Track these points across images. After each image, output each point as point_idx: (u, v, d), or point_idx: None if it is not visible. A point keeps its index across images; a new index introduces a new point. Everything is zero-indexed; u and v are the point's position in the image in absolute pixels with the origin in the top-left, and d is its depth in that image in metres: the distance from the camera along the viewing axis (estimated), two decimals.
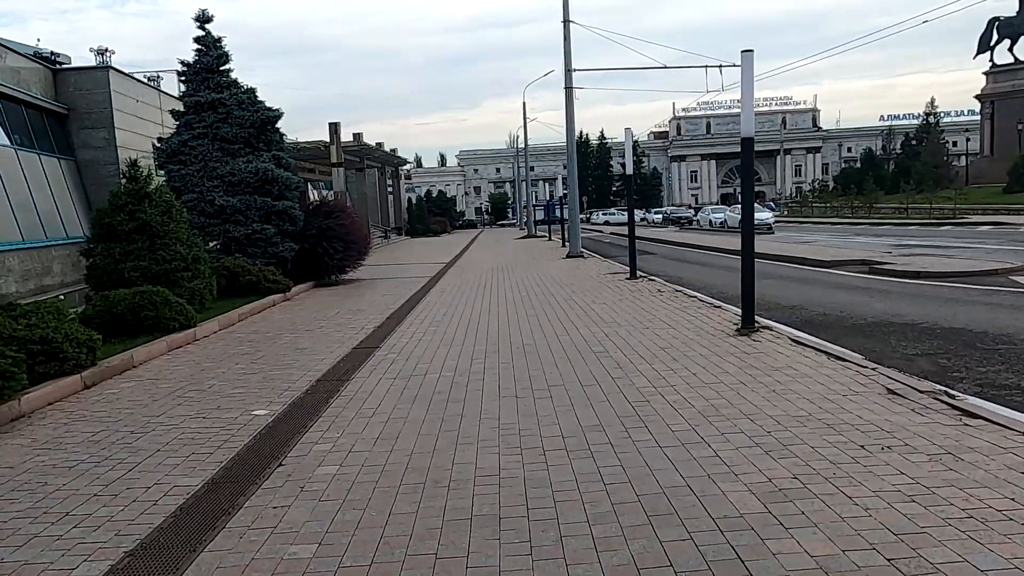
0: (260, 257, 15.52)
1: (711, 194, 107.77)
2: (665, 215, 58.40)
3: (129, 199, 11.31)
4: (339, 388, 6.45)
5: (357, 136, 36.63)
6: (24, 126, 15.32)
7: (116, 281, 10.99)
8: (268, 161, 16.05)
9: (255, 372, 7.39)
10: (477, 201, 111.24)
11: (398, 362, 7.48)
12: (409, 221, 55.28)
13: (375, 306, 12.49)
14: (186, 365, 7.99)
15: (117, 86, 17.71)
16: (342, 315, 11.63)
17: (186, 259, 11.41)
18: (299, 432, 5.16)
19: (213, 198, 15.44)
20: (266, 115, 16.18)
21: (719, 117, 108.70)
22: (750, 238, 7.82)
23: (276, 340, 9.43)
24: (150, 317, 9.15)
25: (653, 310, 10.11)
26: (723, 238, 29.52)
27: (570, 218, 23.11)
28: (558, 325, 9.28)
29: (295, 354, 8.33)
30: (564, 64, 21.89)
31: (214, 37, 16.17)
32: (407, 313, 11.33)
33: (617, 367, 6.65)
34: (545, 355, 7.39)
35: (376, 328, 9.96)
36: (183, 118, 16.11)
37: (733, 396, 5.42)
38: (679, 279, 15.12)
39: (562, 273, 17.11)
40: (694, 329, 8.39)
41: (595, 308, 10.63)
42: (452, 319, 10.37)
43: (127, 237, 11.12)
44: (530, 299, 12.25)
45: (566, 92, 21.95)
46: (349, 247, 17.07)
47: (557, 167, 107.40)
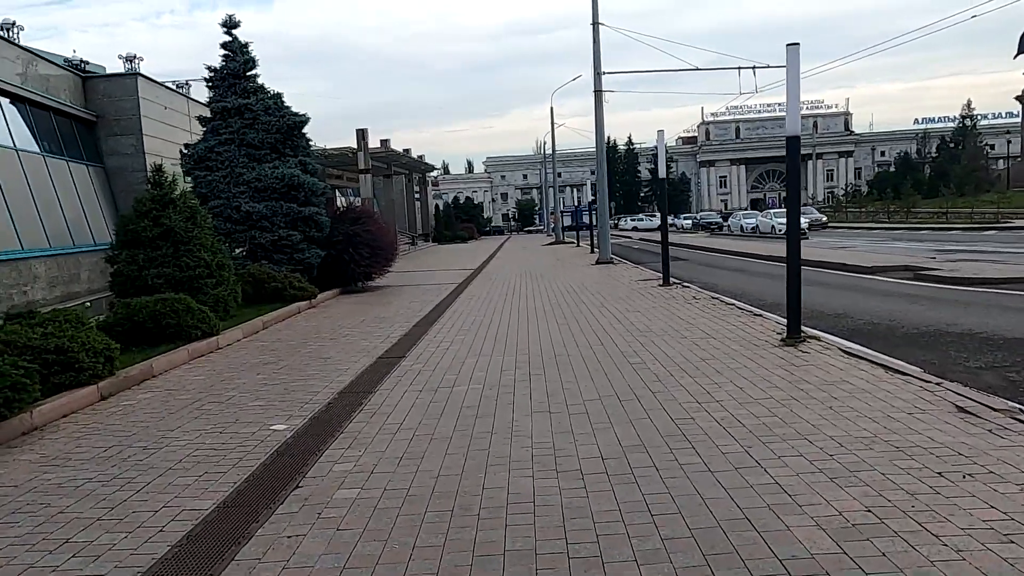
0: (286, 264, 15.35)
1: (741, 199, 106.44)
2: (695, 220, 57.59)
3: (153, 205, 11.15)
4: (362, 401, 6.13)
5: (384, 142, 36.59)
6: (53, 133, 15.33)
7: (140, 288, 10.83)
8: (294, 167, 15.89)
9: (276, 383, 7.11)
10: (504, 207, 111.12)
11: (424, 373, 7.15)
12: (436, 227, 55.20)
13: (401, 314, 12.20)
14: (206, 375, 7.73)
15: (145, 93, 17.71)
16: (368, 323, 11.36)
17: (210, 266, 11.22)
18: (318, 449, 4.84)
19: (239, 204, 15.30)
20: (292, 120, 16.03)
21: (749, 121, 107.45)
22: (796, 242, 7.38)
23: (299, 349, 9.16)
24: (171, 325, 8.93)
25: (690, 318, 9.67)
26: (756, 243, 28.88)
27: (599, 223, 22.68)
28: (591, 334, 8.89)
29: (318, 364, 8.04)
30: (593, 67, 21.52)
31: (241, 42, 16.08)
32: (434, 321, 11.02)
33: (656, 380, 6.24)
34: (579, 366, 7.00)
35: (402, 337, 9.65)
36: (210, 124, 16.02)
37: (786, 414, 4.98)
38: (714, 286, 14.63)
39: (592, 279, 16.70)
40: (736, 339, 7.94)
41: (629, 316, 10.21)
42: (480, 327, 10.03)
43: (151, 243, 10.96)
44: (560, 306, 11.86)
45: (595, 95, 21.58)
46: (376, 254, 16.84)
47: (584, 173, 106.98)
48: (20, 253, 12.26)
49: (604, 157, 22.04)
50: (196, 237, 11.17)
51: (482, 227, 74.18)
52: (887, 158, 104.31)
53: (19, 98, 14.00)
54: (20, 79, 14.23)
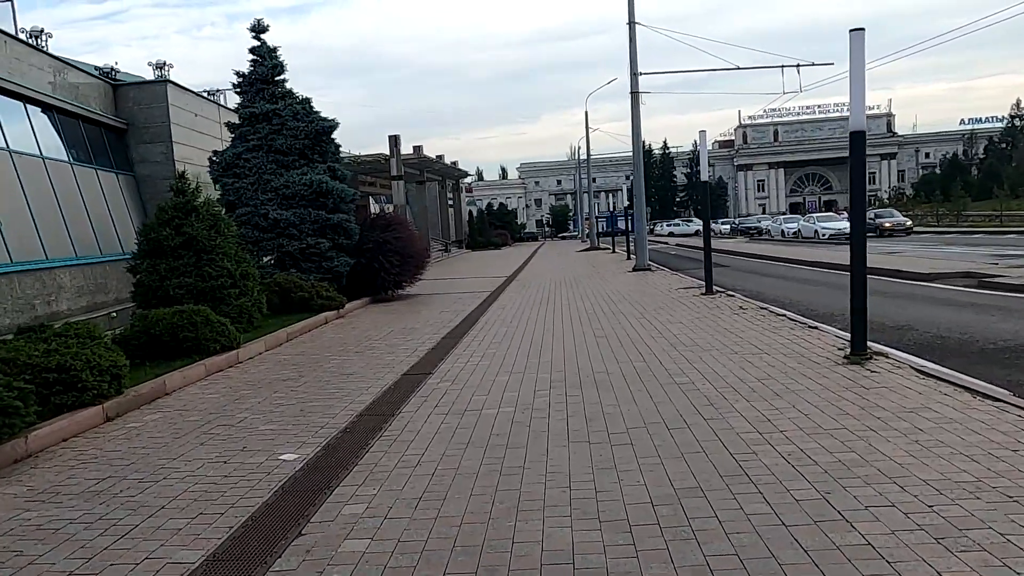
0: (314, 272, 14.97)
1: (779, 204, 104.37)
2: (733, 225, 56.30)
3: (176, 213, 10.82)
4: (382, 426, 5.58)
5: (417, 149, 36.25)
6: (81, 141, 15.18)
7: (161, 299, 10.49)
8: (323, 173, 15.52)
9: (293, 403, 6.61)
10: (538, 213, 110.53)
11: (451, 393, 6.59)
12: (470, 234, 54.84)
13: (431, 324, 11.68)
14: (222, 393, 7.28)
15: (175, 100, 17.53)
16: (395, 334, 10.85)
17: (234, 275, 10.84)
18: (328, 485, 4.30)
19: (267, 211, 14.97)
20: (321, 125, 15.67)
21: (787, 124, 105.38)
22: (861, 246, 6.65)
23: (322, 364, 8.67)
24: (189, 339, 8.52)
25: (739, 331, 8.96)
26: (800, 249, 27.87)
27: (636, 229, 21.97)
28: (631, 349, 8.25)
29: (340, 381, 7.53)
30: (629, 68, 20.86)
31: (269, 47, 15.79)
32: (464, 333, 10.47)
33: (708, 404, 5.59)
34: (620, 387, 6.37)
35: (430, 350, 9.11)
36: (238, 130, 15.75)
37: (864, 449, 4.31)
38: (759, 294, 13.86)
39: (630, 288, 16.02)
40: (793, 355, 7.23)
41: (672, 328, 9.54)
42: (513, 340, 9.45)
43: (173, 252, 10.61)
44: (598, 317, 11.23)
45: (632, 97, 20.90)
46: (406, 261, 16.39)
47: (619, 178, 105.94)
48: (44, 263, 12.03)
49: (641, 160, 21.35)
50: (219, 246, 10.80)
51: (516, 233, 73.68)
52: (932, 160, 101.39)
53: (47, 106, 13.84)
54: (50, 87, 14.09)
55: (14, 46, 13.02)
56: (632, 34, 20.72)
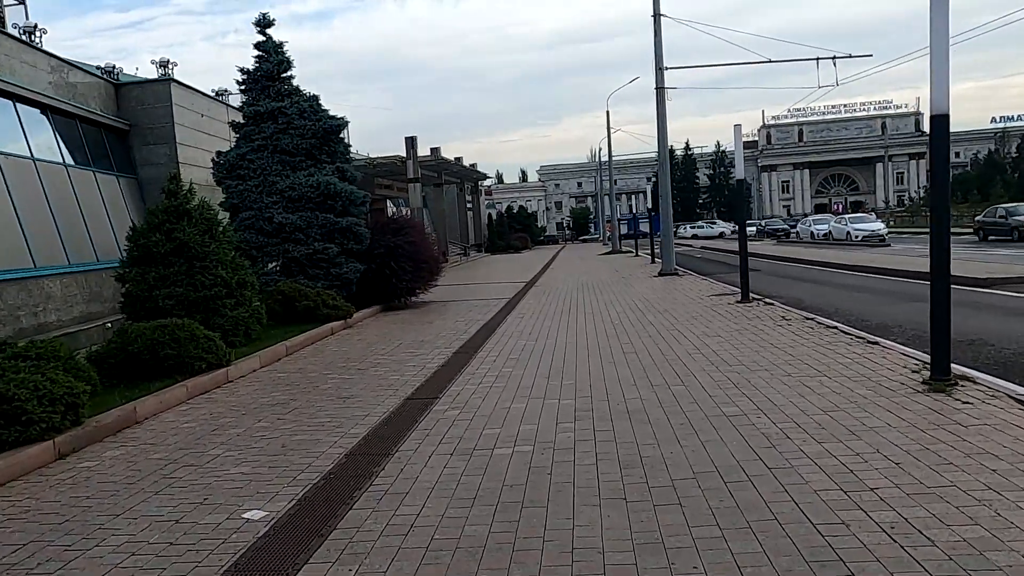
0: (323, 279, 14.11)
1: (804, 204, 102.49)
2: (759, 227, 54.80)
3: (166, 217, 9.99)
4: (373, 470, 4.65)
5: (435, 151, 35.43)
6: (79, 142, 14.46)
7: (150, 310, 9.66)
8: (331, 174, 14.67)
9: (276, 435, 5.70)
10: (558, 216, 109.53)
11: (459, 425, 5.64)
12: (489, 237, 53.95)
13: (443, 336, 10.75)
14: (200, 421, 6.39)
15: (179, 99, 16.79)
16: (404, 348, 9.94)
17: (229, 284, 9.99)
18: (294, 561, 3.37)
19: (272, 215, 14.14)
20: (329, 124, 14.82)
21: (812, 124, 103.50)
22: (943, 249, 5.59)
23: (319, 384, 7.76)
24: (171, 356, 7.65)
25: (787, 346, 7.93)
26: (834, 252, 26.64)
27: (662, 231, 20.91)
28: (666, 368, 7.25)
29: (334, 407, 6.62)
30: (655, 62, 19.84)
31: (275, 42, 14.98)
32: (478, 347, 9.53)
33: (768, 445, 4.59)
34: (658, 419, 5.38)
35: (440, 368, 8.18)
36: (242, 130, 14.95)
37: (991, 520, 3.28)
38: (799, 301, 12.78)
39: (658, 294, 14.99)
40: (859, 378, 6.20)
41: (710, 343, 8.52)
42: (532, 357, 8.49)
43: (163, 260, 9.78)
44: (625, 328, 10.23)
45: (657, 92, 19.87)
46: (419, 267, 15.48)
47: (640, 180, 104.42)
48: (31, 271, 11.26)
49: (667, 158, 20.30)
50: (213, 252, 9.96)
51: (536, 236, 72.70)
52: (962, 159, 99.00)
53: (40, 105, 13.13)
54: (44, 86, 13.37)
55: (3, 42, 12.31)
56: (657, 27, 19.71)
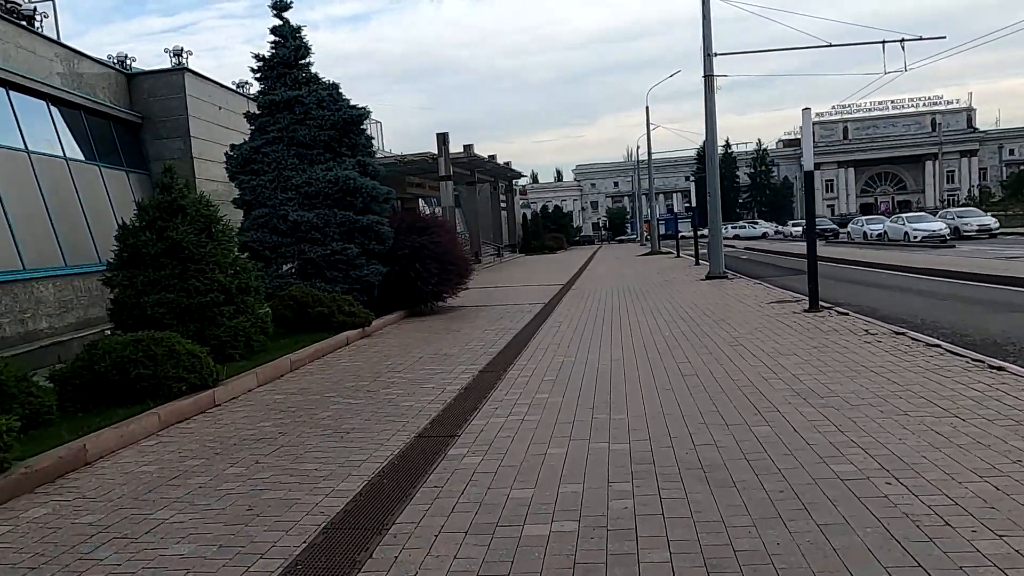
0: (341, 283, 12.93)
1: (849, 204, 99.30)
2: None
3: (158, 214, 8.87)
4: (356, 560, 3.35)
5: (467, 148, 34.21)
6: (83, 135, 13.50)
7: (138, 319, 8.55)
8: (351, 168, 13.49)
9: (245, 490, 4.45)
10: (594, 216, 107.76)
11: (479, 481, 4.32)
12: (524, 237, 52.62)
13: (470, 349, 9.46)
14: (162, 463, 5.17)
15: (194, 90, 15.80)
16: (424, 363, 8.67)
17: (228, 289, 8.83)
18: None
19: (286, 212, 13.01)
20: (350, 114, 13.65)
21: (857, 121, 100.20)
22: None
23: (318, 410, 6.52)
24: (144, 377, 6.48)
25: (888, 372, 6.46)
26: (895, 253, 24.78)
27: (710, 231, 19.38)
28: (739, 398, 5.85)
29: (328, 446, 5.35)
30: (703, 48, 18.31)
31: (292, 26, 13.87)
32: (509, 363, 8.21)
33: (922, 537, 3.18)
34: (746, 481, 4.00)
35: (461, 392, 6.88)
36: (257, 121, 13.87)
37: None
38: (875, 310, 11.24)
39: (709, 300, 13.50)
40: (1005, 421, 4.73)
41: (786, 364, 7.08)
42: (571, 378, 7.14)
43: (153, 262, 8.66)
44: (677, 341, 8.83)
45: (705, 80, 18.35)
46: (447, 269, 14.22)
47: (678, 179, 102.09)
48: (18, 273, 10.25)
49: (715, 152, 18.76)
50: (210, 253, 8.80)
51: (571, 237, 71.16)
52: (1017, 157, 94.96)
53: (37, 94, 12.16)
54: (43, 73, 12.41)
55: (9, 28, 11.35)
56: (706, 9, 18.18)
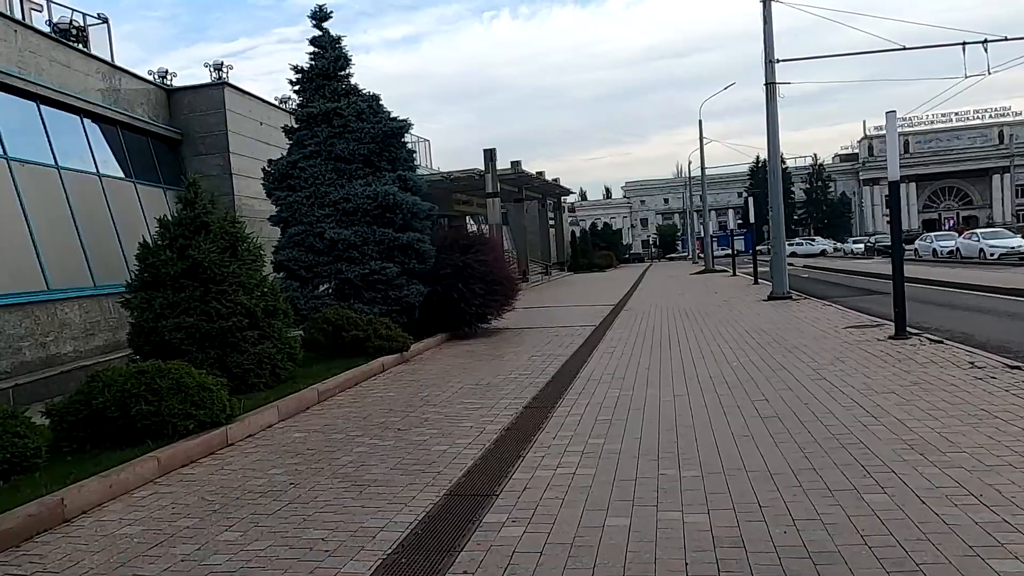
0: (380, 304, 12.22)
1: (911, 220, 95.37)
2: (868, 244, 50.28)
3: (180, 231, 8.26)
4: None
5: (515, 164, 33.52)
6: (119, 151, 13.15)
7: (155, 344, 7.92)
8: (391, 183, 12.81)
9: (231, 567, 3.63)
10: (644, 233, 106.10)
11: (521, 565, 3.41)
12: (572, 255, 51.66)
13: (514, 379, 8.57)
14: (148, 523, 4.40)
15: (234, 105, 15.41)
16: (464, 395, 7.82)
17: (252, 312, 8.14)
18: None
19: (323, 230, 12.38)
20: (390, 126, 12.99)
21: (920, 134, 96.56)
22: None
23: (339, 454, 5.71)
24: (146, 414, 5.75)
25: (1018, 419, 5.33)
26: (975, 272, 23.07)
27: (772, 248, 18.13)
28: (838, 451, 4.82)
29: (342, 503, 4.52)
30: (764, 55, 17.22)
31: (332, 36, 13.33)
32: (558, 397, 7.30)
33: None
34: None
35: (503, 433, 5.99)
36: (295, 135, 13.33)
37: None
38: (968, 336, 9.99)
39: (775, 324, 12.35)
40: None
41: (886, 405, 5.99)
42: (630, 419, 6.18)
43: (173, 283, 8.03)
44: (748, 372, 7.78)
45: (767, 89, 17.23)
46: (492, 290, 13.38)
47: (730, 195, 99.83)
48: (41, 294, 9.78)
49: (778, 163, 17.56)
50: (234, 274, 8.13)
51: (621, 254, 69.86)
52: None
53: (71, 108, 11.81)
54: (78, 88, 12.08)
55: (30, 38, 11.04)
56: (767, 13, 17.11)
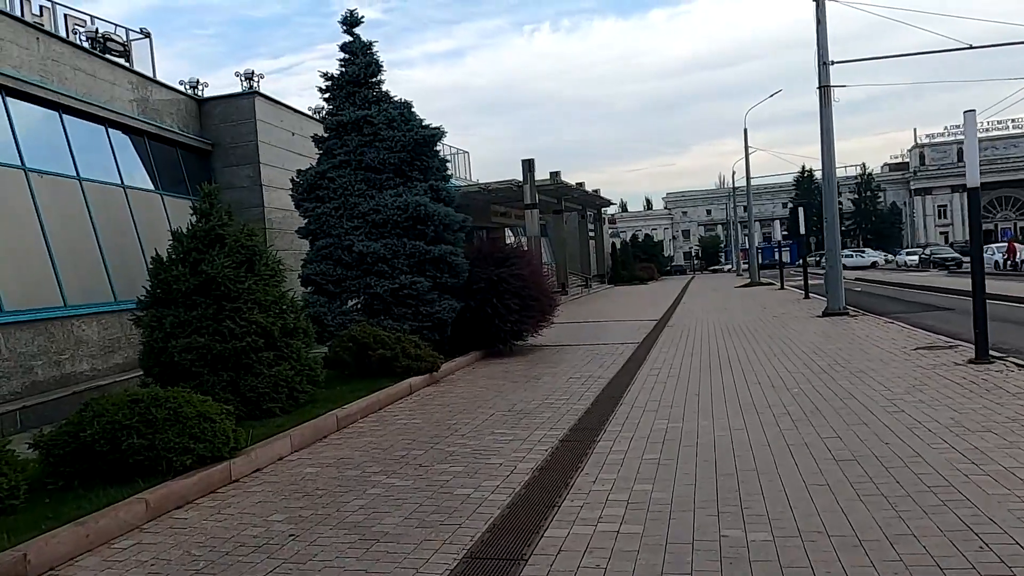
0: (411, 320, 11.61)
1: (964, 231, 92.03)
2: (923, 255, 48.28)
3: (194, 244, 7.75)
4: None
5: (555, 175, 32.82)
6: (147, 163, 12.83)
7: (165, 365, 7.42)
8: (423, 193, 12.23)
9: None
10: (686, 245, 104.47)
11: None
12: (613, 267, 50.67)
13: (550, 405, 7.85)
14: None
15: (264, 115, 15.04)
16: (495, 424, 7.12)
17: (269, 332, 7.58)
18: None
19: (351, 242, 11.85)
20: (422, 135, 12.41)
21: None
22: None
23: (348, 496, 5.05)
24: (138, 449, 5.18)
25: None
26: None
27: (827, 260, 17.07)
28: (935, 507, 4.00)
29: (341, 565, 3.85)
30: (817, 56, 16.26)
31: (363, 42, 12.84)
32: (598, 428, 6.55)
33: None
34: None
35: (536, 473, 5.28)
36: (324, 144, 12.85)
37: None
38: None
39: (836, 344, 11.39)
40: None
41: (981, 446, 5.11)
42: (680, 458, 5.41)
43: (185, 299, 7.51)
44: (813, 402, 6.93)
45: (820, 92, 16.25)
46: (528, 305, 12.68)
47: (775, 206, 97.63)
48: (56, 311, 9.38)
49: (833, 170, 16.51)
50: (249, 290, 7.58)
51: (663, 267, 68.53)
52: None
53: (94, 117, 11.49)
54: (104, 98, 11.77)
55: (53, 46, 10.74)
56: (820, 13, 16.17)
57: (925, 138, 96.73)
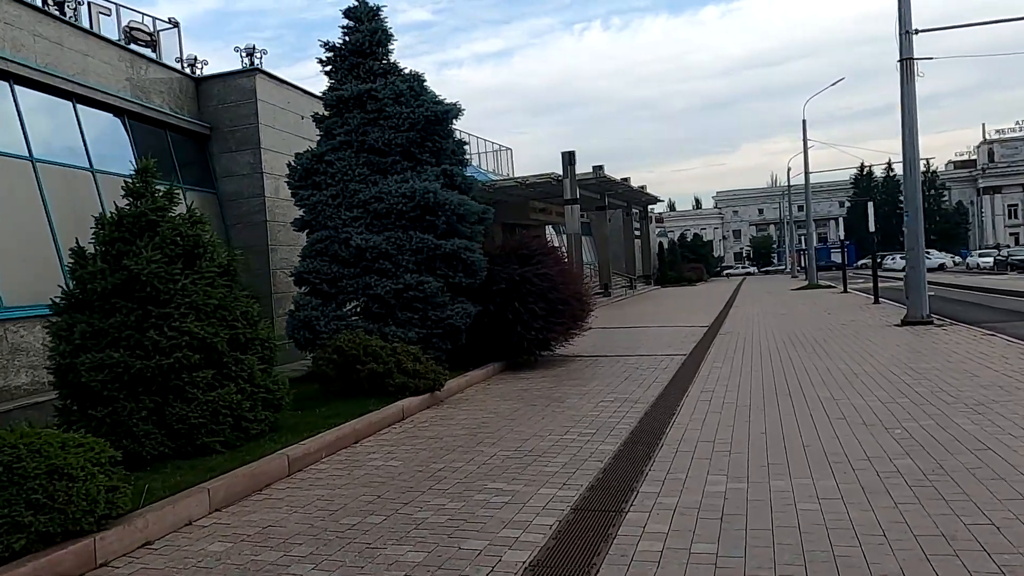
0: (417, 326, 9.91)
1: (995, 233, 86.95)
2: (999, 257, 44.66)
3: (119, 233, 6.14)
4: None
5: (597, 169, 30.82)
6: (128, 145, 11.37)
7: (73, 387, 5.82)
8: (433, 179, 10.50)
9: None
10: (736, 245, 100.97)
11: None
12: (659, 268, 48.36)
13: (573, 440, 6.03)
14: None
15: (266, 95, 13.50)
16: (491, 472, 5.33)
17: (209, 345, 5.92)
18: None
19: (349, 235, 10.19)
20: (434, 111, 10.68)
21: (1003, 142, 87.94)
22: None
23: None
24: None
25: None
26: None
27: (909, 261, 14.79)
28: None
29: None
30: (899, 24, 14.04)
31: (369, 6, 11.18)
32: (628, 490, 4.70)
33: None
34: None
35: (543, 559, 3.46)
36: (324, 123, 11.23)
37: None
38: None
39: (929, 363, 9.27)
40: None
41: None
42: (747, 547, 3.53)
43: (102, 303, 5.90)
44: (930, 453, 4.96)
45: (902, 65, 14.01)
46: (555, 310, 10.84)
47: (831, 206, 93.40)
48: None
49: (916, 155, 14.19)
50: (183, 292, 5.93)
51: (712, 267, 65.77)
52: None
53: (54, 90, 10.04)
54: (71, 70, 10.34)
55: (5, 6, 9.29)
56: None
57: (995, 133, 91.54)
